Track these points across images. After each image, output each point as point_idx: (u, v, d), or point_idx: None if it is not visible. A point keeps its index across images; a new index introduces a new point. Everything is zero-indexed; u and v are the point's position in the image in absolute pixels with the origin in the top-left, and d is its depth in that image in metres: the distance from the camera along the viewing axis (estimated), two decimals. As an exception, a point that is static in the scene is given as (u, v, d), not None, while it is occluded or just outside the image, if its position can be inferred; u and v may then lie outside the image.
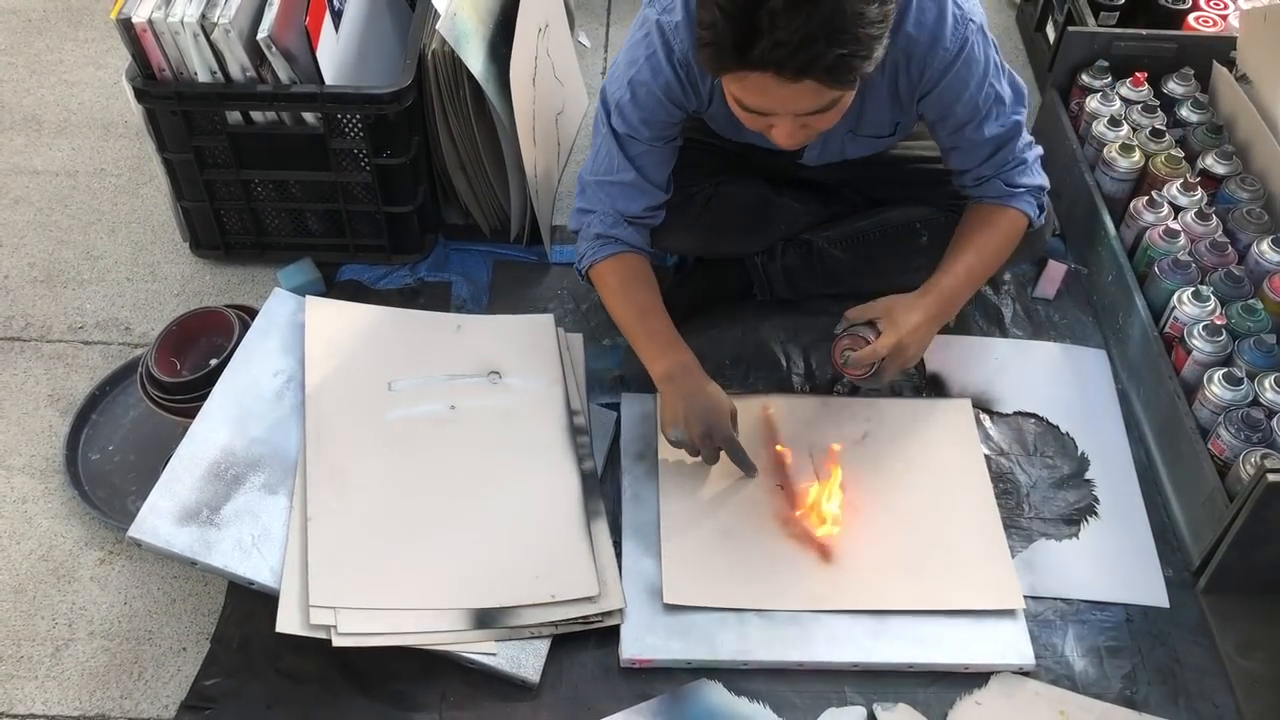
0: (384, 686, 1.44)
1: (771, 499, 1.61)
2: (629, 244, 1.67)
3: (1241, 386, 1.58)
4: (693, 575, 1.52)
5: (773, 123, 1.41)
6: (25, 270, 1.98)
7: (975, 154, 1.65)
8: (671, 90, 1.55)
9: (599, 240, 1.66)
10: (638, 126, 1.59)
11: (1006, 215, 1.69)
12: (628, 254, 1.67)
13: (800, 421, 1.71)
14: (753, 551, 1.55)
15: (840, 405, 1.74)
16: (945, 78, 1.54)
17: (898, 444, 1.69)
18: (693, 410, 1.57)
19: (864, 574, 1.54)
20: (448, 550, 1.50)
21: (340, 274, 1.95)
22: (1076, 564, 1.58)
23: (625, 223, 1.66)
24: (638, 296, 1.66)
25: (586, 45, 2.48)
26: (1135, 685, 1.47)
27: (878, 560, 1.55)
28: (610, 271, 1.67)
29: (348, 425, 1.58)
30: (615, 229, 1.66)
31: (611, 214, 1.66)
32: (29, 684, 1.46)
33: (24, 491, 1.66)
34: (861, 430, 1.70)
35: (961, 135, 1.62)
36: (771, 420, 1.70)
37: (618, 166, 1.63)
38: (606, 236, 1.66)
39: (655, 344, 1.63)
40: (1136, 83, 2.04)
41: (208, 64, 1.73)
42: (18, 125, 2.26)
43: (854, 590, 1.52)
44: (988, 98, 1.59)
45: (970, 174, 1.69)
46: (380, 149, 1.82)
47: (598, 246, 1.67)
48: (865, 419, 1.71)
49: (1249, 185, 1.86)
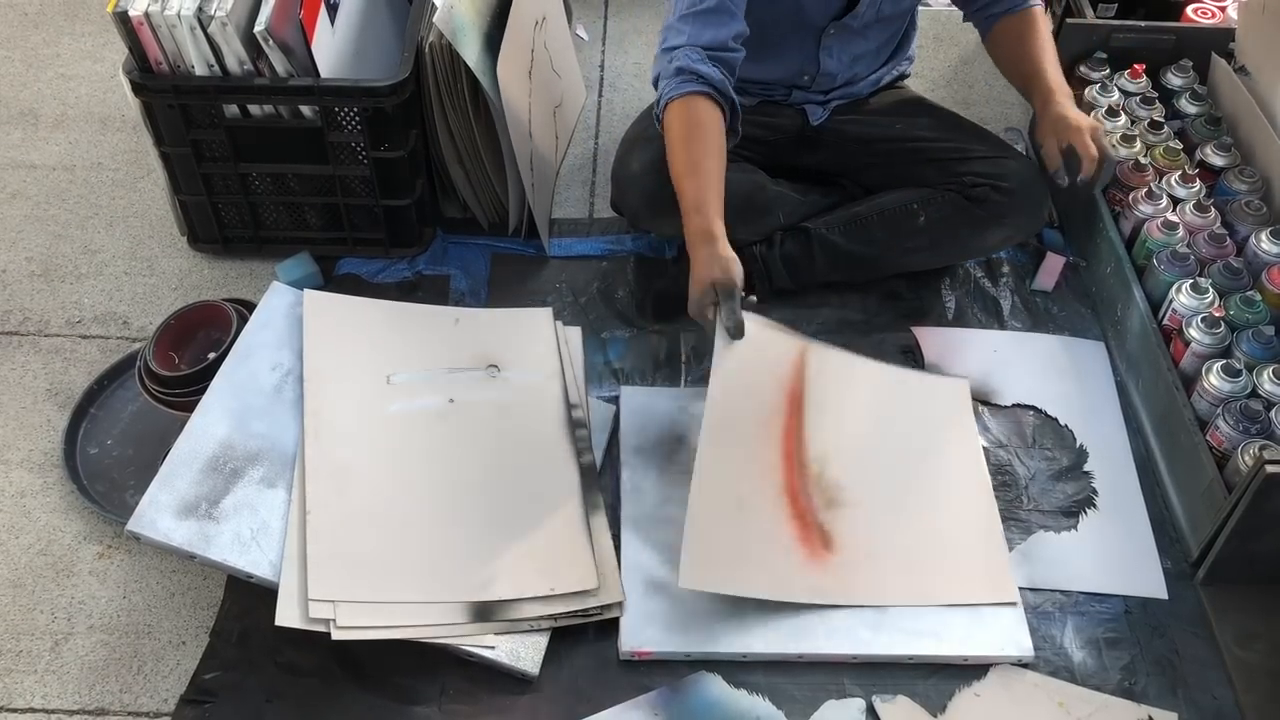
0: (383, 679, 1.44)
1: (779, 491, 1.60)
2: (708, 81, 1.62)
3: (1240, 378, 1.58)
4: (710, 561, 1.49)
5: None
6: (23, 264, 1.98)
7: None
8: None
9: (679, 75, 1.61)
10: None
11: (1032, 16, 1.82)
12: (699, 98, 1.61)
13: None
14: (762, 540, 1.53)
15: (849, 362, 1.72)
16: None
17: (894, 424, 1.68)
18: (713, 264, 1.54)
19: (862, 565, 1.53)
20: (447, 544, 1.50)
21: (338, 268, 1.95)
22: (1075, 556, 1.58)
23: (708, 59, 1.62)
24: (692, 149, 1.60)
25: (584, 38, 2.47)
26: (1134, 677, 1.47)
27: (874, 549, 1.54)
28: (677, 115, 1.62)
29: (346, 419, 1.58)
30: (698, 64, 1.61)
31: (695, 49, 1.62)
32: (28, 678, 1.46)
33: (22, 486, 1.66)
34: (860, 411, 1.68)
35: None
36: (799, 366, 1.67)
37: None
38: (688, 71, 1.61)
39: (688, 204, 1.58)
40: (1135, 74, 2.04)
41: (205, 57, 1.73)
42: (14, 119, 2.26)
43: (853, 582, 1.51)
44: None
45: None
46: (378, 142, 1.82)
47: (677, 83, 1.62)
48: (864, 398, 1.70)
49: (1247, 177, 1.86)
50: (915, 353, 1.82)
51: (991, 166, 1.81)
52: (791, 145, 1.84)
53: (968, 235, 1.84)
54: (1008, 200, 1.80)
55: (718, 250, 1.55)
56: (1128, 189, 1.88)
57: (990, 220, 1.82)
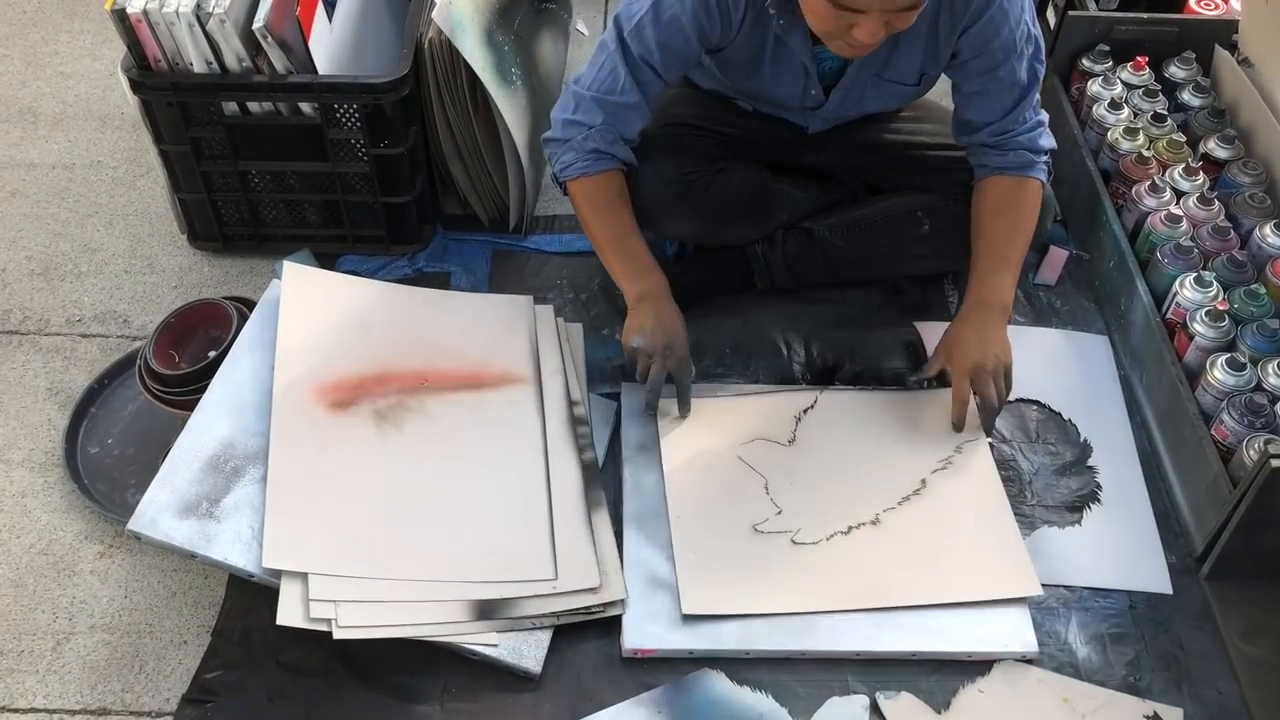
0: (386, 678, 1.43)
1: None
2: (623, 161, 1.66)
3: (1244, 372, 1.57)
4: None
5: (858, 21, 1.40)
6: (23, 263, 1.98)
7: (1000, 101, 1.64)
8: (699, 15, 1.54)
9: (594, 154, 1.65)
10: (652, 49, 1.57)
11: (1027, 189, 1.68)
12: (616, 172, 1.67)
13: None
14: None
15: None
16: (989, 9, 1.53)
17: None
18: (660, 325, 1.60)
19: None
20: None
21: (339, 265, 1.94)
22: (1079, 551, 1.58)
23: (622, 141, 1.66)
24: (621, 217, 1.67)
25: (584, 33, 2.46)
26: (1139, 672, 1.46)
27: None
28: (597, 188, 1.66)
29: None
30: (613, 146, 1.65)
31: (611, 131, 1.64)
32: (30, 678, 1.46)
33: (23, 485, 1.66)
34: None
35: (993, 77, 1.61)
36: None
37: (622, 88, 1.61)
38: (604, 152, 1.65)
39: (634, 265, 1.65)
40: (1138, 67, 2.03)
41: (203, 54, 1.72)
42: (13, 118, 2.25)
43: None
44: (1024, 35, 1.59)
45: (990, 129, 1.67)
46: (378, 139, 1.82)
47: (592, 160, 1.65)
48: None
49: (1251, 170, 1.85)
50: (918, 349, 1.81)
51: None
52: (793, 146, 1.83)
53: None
54: None
55: (677, 314, 1.63)
56: (1131, 182, 1.87)
57: None
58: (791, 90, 1.69)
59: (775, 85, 1.68)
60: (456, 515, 1.52)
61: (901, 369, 1.77)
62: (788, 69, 1.64)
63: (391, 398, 1.61)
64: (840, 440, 1.66)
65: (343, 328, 1.67)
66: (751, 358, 1.79)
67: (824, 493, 1.60)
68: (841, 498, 1.59)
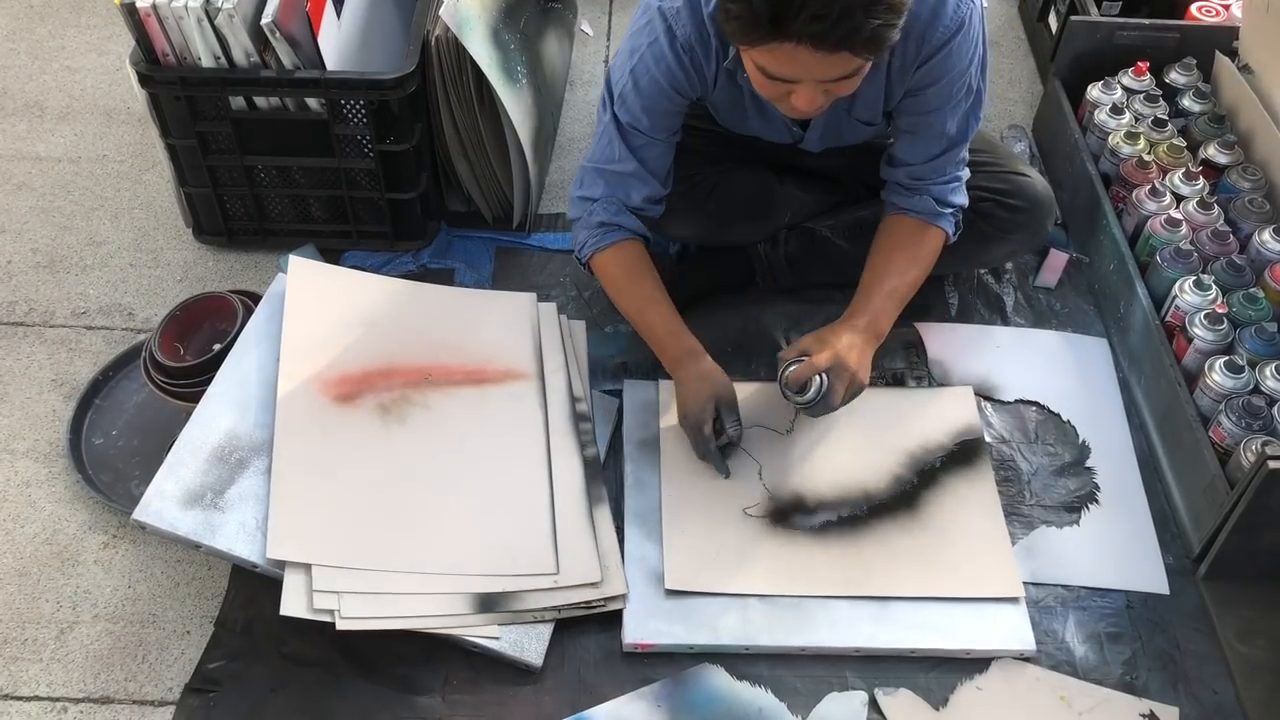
0: (387, 670, 1.44)
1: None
2: (631, 231, 1.67)
3: (1242, 374, 1.58)
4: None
5: (794, 90, 1.39)
6: (28, 256, 1.99)
7: (925, 147, 1.63)
8: (674, 76, 1.55)
9: (602, 228, 1.67)
10: (639, 115, 1.59)
11: (930, 234, 1.67)
12: (629, 242, 1.67)
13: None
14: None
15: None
16: (936, 55, 1.52)
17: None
18: (703, 392, 1.59)
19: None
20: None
21: (343, 260, 1.95)
22: (1077, 551, 1.59)
23: (627, 211, 1.67)
24: (643, 287, 1.67)
25: (589, 33, 2.48)
26: (1135, 671, 1.47)
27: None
28: (612, 261, 1.67)
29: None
30: (618, 217, 1.66)
31: (614, 202, 1.66)
32: (34, 666, 1.47)
33: (28, 476, 1.67)
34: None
35: (924, 120, 1.60)
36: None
37: (619, 156, 1.63)
38: (610, 224, 1.66)
39: (662, 333, 1.65)
40: (1139, 72, 2.05)
41: (211, 49, 1.73)
42: (20, 111, 2.26)
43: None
44: (964, 88, 1.57)
45: (907, 170, 1.66)
46: (383, 135, 1.83)
47: (601, 234, 1.67)
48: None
49: (1250, 175, 1.86)
50: (918, 349, 1.82)
51: (999, 181, 1.77)
52: (795, 150, 1.83)
53: (972, 249, 1.79)
54: (1013, 217, 1.78)
55: (706, 366, 1.62)
56: (1132, 186, 1.89)
57: (995, 236, 1.79)
58: (777, 130, 1.71)
59: (762, 127, 1.70)
60: (459, 509, 1.53)
61: (901, 369, 1.78)
62: (768, 111, 1.63)
63: (395, 392, 1.62)
64: (837, 432, 1.67)
65: (348, 322, 1.67)
66: (754, 357, 1.80)
67: (817, 481, 1.62)
68: (834, 487, 1.61)
